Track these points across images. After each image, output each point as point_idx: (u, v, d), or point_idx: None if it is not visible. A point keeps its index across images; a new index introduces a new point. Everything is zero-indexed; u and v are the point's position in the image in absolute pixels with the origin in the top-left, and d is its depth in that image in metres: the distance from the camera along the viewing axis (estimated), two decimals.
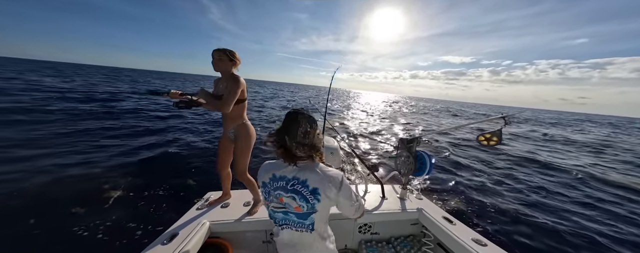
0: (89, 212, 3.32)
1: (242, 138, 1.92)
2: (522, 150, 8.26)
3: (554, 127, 22.16)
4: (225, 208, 2.02)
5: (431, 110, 31.93)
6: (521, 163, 6.42)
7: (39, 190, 3.79)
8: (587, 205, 4.03)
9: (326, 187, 1.03)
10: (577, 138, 14.47)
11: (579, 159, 7.81)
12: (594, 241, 3.03)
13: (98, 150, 5.94)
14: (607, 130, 24.38)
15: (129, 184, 4.20)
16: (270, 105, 19.65)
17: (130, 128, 8.37)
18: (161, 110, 12.34)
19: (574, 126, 26.56)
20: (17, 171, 4.26)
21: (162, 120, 10.21)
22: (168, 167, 5.16)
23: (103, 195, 3.79)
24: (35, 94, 12.87)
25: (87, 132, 7.27)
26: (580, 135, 17.11)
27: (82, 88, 18.16)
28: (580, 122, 37.03)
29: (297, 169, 1.06)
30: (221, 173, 2.11)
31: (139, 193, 3.91)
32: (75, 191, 3.84)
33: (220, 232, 1.84)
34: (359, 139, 9.20)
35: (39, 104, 10.29)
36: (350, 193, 1.10)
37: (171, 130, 9.01)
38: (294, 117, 1.02)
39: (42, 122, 7.67)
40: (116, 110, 11.04)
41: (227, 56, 1.80)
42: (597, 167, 6.83)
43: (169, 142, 7.33)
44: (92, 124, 8.21)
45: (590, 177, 5.64)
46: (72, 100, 12.36)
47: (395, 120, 15.56)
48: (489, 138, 1.48)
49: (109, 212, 3.34)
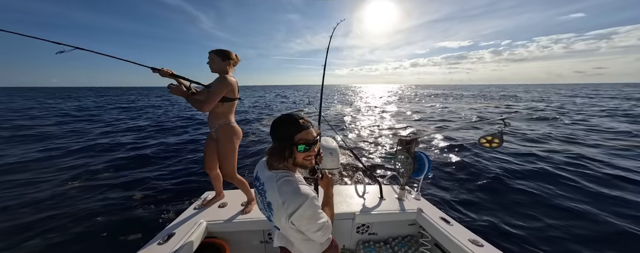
0: (87, 211, 3.30)
1: (222, 138, 1.84)
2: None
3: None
4: (222, 208, 2.01)
5: (425, 98, 31.83)
6: (522, 162, 6.43)
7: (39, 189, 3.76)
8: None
9: (278, 207, 0.90)
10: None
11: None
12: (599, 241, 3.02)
13: (98, 149, 5.91)
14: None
15: (126, 184, 4.18)
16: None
17: (129, 128, 8.33)
18: (157, 103, 12.27)
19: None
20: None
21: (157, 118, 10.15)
22: (165, 166, 5.14)
23: (100, 194, 3.77)
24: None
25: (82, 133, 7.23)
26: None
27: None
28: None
29: (269, 175, 0.98)
30: (210, 173, 2.07)
31: (137, 192, 3.89)
32: (75, 191, 3.81)
33: (217, 232, 1.83)
34: (358, 139, 9.20)
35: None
36: (308, 222, 0.89)
37: (170, 129, 8.98)
38: (275, 122, 0.96)
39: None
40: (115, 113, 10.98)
41: (219, 56, 1.79)
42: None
43: (168, 140, 7.31)
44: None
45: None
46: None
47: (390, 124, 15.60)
48: (491, 141, 1.48)
49: (106, 211, 3.32)
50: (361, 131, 10.70)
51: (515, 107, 18.81)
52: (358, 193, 2.28)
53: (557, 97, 29.05)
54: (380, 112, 17.13)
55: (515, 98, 30.40)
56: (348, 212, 1.98)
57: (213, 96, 1.71)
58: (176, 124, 11.08)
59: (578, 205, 3.72)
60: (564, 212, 3.61)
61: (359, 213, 1.96)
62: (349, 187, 2.45)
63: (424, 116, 14.57)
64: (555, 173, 4.90)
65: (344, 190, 2.39)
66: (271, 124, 0.97)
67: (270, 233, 1.96)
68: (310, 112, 16.99)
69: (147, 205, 3.48)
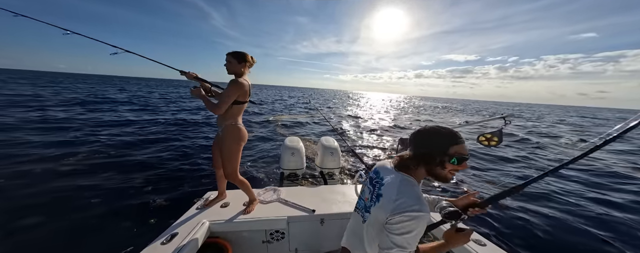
0: (90, 211, 3.32)
1: (226, 139, 1.89)
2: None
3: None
4: (224, 208, 2.02)
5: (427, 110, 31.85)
6: (522, 162, 6.44)
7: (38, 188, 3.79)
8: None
9: (388, 201, 0.90)
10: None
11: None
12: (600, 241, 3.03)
13: (97, 150, 5.94)
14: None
15: (129, 182, 4.19)
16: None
17: (127, 128, 8.35)
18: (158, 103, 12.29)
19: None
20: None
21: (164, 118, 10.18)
22: (168, 165, 5.16)
23: (104, 193, 3.78)
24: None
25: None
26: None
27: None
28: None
29: (395, 173, 0.99)
30: (216, 172, 2.13)
31: (138, 191, 3.91)
32: (75, 191, 3.84)
33: (219, 232, 1.84)
34: (359, 139, 9.21)
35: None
36: (400, 232, 0.85)
37: (172, 129, 9.00)
38: (431, 130, 0.96)
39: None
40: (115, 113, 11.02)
41: (236, 58, 1.85)
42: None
43: (171, 139, 7.33)
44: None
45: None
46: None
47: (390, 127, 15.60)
48: (490, 139, 1.48)
49: (110, 210, 3.34)
50: (362, 131, 10.71)
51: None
52: (358, 193, 2.29)
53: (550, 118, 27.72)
54: (386, 117, 17.10)
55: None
56: (350, 212, 1.99)
57: (226, 99, 1.78)
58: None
59: (578, 206, 3.72)
60: (565, 212, 3.60)
61: None
62: (351, 187, 2.46)
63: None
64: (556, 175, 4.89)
65: (345, 190, 2.40)
66: (421, 131, 0.97)
67: (272, 233, 1.97)
68: (312, 112, 17.02)
69: (149, 204, 3.50)
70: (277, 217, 1.89)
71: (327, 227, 2.01)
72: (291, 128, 10.89)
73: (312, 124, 12.46)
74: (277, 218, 1.88)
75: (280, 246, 2.00)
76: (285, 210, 2.00)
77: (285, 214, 1.92)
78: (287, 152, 3.13)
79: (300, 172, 3.19)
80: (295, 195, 2.22)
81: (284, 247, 2.01)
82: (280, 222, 1.88)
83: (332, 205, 2.09)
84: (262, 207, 2.04)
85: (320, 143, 3.37)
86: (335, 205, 2.09)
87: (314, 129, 11.07)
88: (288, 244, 2.01)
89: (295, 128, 11.13)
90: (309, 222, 1.97)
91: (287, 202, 2.11)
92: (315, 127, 11.61)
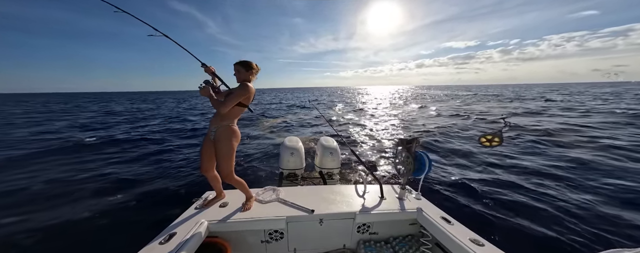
0: (88, 211, 3.31)
1: (222, 139, 1.90)
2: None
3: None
4: (223, 207, 2.01)
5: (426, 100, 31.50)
6: (522, 162, 6.41)
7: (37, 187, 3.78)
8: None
9: None
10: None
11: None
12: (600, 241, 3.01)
13: (98, 150, 5.93)
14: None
15: (128, 182, 4.19)
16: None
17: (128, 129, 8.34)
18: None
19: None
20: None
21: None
22: (166, 166, 5.16)
23: (102, 193, 3.78)
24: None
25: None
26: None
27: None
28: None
29: None
30: (207, 175, 2.07)
31: (138, 191, 3.90)
32: (75, 191, 3.83)
33: (218, 232, 1.83)
34: (358, 139, 9.19)
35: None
36: None
37: (172, 129, 8.99)
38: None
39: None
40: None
41: (244, 67, 1.96)
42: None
43: (168, 140, 7.32)
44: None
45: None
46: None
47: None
48: (491, 140, 1.48)
49: (108, 210, 3.33)
50: (361, 131, 10.70)
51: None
52: (358, 193, 2.28)
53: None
54: (386, 113, 17.08)
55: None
56: (349, 212, 1.98)
57: (233, 99, 1.85)
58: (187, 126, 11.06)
59: (577, 205, 3.72)
60: (565, 212, 3.60)
61: (359, 212, 1.96)
62: (350, 187, 2.45)
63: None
64: (558, 175, 4.88)
65: (344, 190, 2.39)
66: None
67: (271, 233, 1.96)
68: (312, 112, 17.00)
69: (148, 204, 3.50)
70: (276, 217, 1.88)
71: (326, 227, 2.00)
72: (291, 129, 10.90)
73: (312, 124, 12.46)
74: (276, 218, 1.87)
75: (279, 246, 2.00)
76: (284, 210, 1.99)
77: (284, 214, 1.91)
78: (286, 152, 3.13)
79: (299, 172, 3.19)
80: (294, 195, 2.21)
81: (282, 247, 2.01)
82: (279, 222, 1.87)
83: (331, 205, 2.08)
84: (261, 207, 2.03)
85: (320, 143, 3.36)
86: (334, 205, 2.08)
87: (314, 129, 11.07)
88: (287, 244, 2.01)
89: (296, 128, 11.13)
90: (308, 222, 1.97)
91: (286, 202, 2.10)
92: (315, 127, 11.61)
